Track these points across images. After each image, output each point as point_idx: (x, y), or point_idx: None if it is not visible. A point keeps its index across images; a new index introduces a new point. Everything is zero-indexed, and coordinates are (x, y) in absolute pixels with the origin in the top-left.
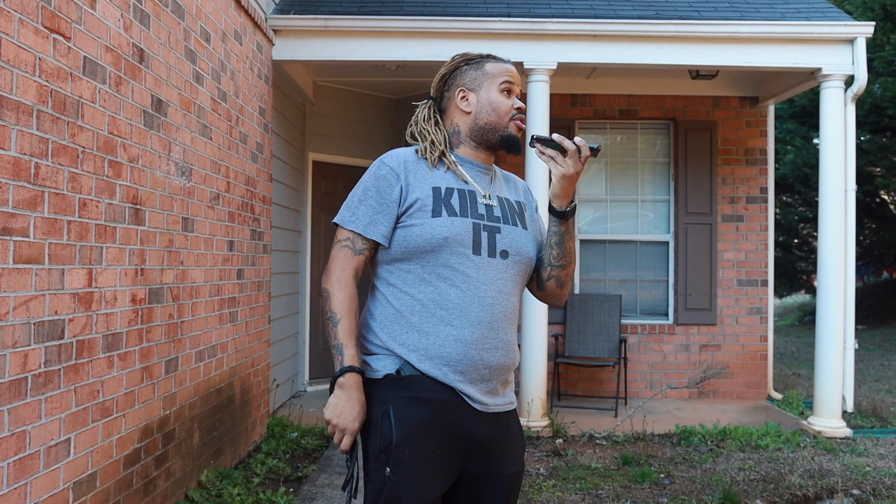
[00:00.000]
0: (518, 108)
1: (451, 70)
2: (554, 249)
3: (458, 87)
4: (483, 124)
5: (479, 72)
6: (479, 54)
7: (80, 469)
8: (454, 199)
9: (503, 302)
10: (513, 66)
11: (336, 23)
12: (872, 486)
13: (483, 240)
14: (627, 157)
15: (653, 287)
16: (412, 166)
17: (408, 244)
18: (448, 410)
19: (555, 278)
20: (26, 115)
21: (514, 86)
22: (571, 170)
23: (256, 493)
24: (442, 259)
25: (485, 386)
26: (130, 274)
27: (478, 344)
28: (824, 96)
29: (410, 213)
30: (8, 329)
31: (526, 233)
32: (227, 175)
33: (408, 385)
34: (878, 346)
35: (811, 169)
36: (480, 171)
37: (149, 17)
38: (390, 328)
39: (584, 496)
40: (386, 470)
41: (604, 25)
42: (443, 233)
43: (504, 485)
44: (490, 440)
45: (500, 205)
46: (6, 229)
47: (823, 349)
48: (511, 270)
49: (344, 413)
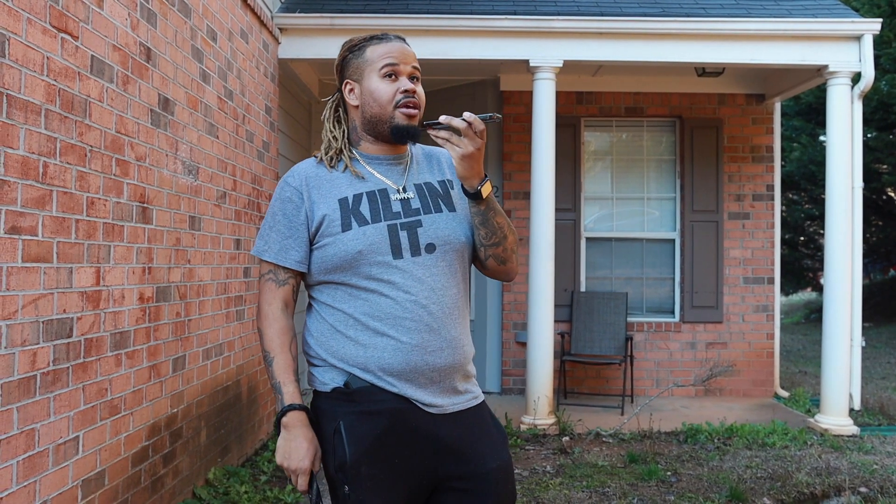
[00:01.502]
0: (405, 92)
1: (339, 61)
2: (480, 230)
3: (346, 80)
4: (370, 117)
5: (360, 59)
6: (363, 38)
7: (88, 467)
8: (363, 206)
9: (439, 299)
10: (400, 43)
11: (342, 21)
12: (880, 483)
13: (403, 240)
14: (633, 154)
15: (659, 285)
16: (314, 180)
17: (325, 264)
18: (402, 419)
19: (492, 257)
20: (34, 114)
21: (401, 66)
22: (470, 147)
23: (263, 490)
24: (363, 271)
25: (436, 388)
26: (138, 272)
27: (420, 349)
28: (831, 93)
29: (321, 233)
30: (17, 327)
31: (453, 215)
32: (233, 173)
33: (357, 398)
34: (885, 344)
35: (817, 166)
36: (390, 165)
37: (156, 16)
38: (327, 343)
39: (590, 494)
40: (345, 488)
41: (610, 23)
42: (356, 246)
43: (488, 481)
44: (456, 441)
45: (420, 193)
46: (15, 228)
47: (830, 347)
48: (442, 262)
49: (292, 454)
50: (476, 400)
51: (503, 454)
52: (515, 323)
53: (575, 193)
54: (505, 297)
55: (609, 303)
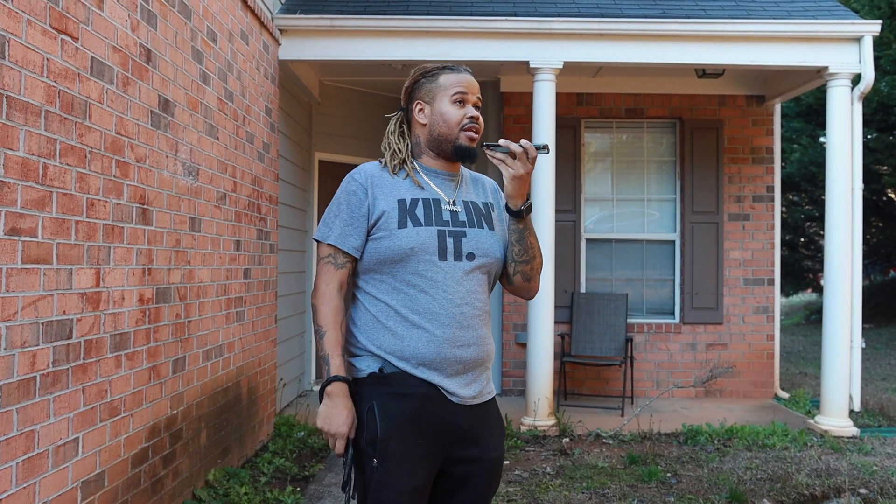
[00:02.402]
0: (471, 118)
1: (411, 84)
2: (515, 247)
3: (416, 100)
4: (437, 135)
5: (433, 84)
6: (436, 65)
7: (88, 468)
8: (419, 209)
9: (471, 302)
10: (468, 76)
11: (342, 22)
12: (880, 485)
13: (448, 245)
14: (633, 156)
15: (659, 286)
16: (378, 180)
17: (378, 255)
18: (429, 404)
19: (520, 273)
20: (34, 115)
21: (469, 95)
22: (521, 171)
23: (263, 492)
24: (411, 267)
25: (461, 379)
26: (138, 274)
27: (450, 342)
28: (831, 95)
29: (379, 226)
30: (16, 329)
31: (492, 233)
32: (233, 175)
33: (390, 382)
34: (885, 345)
35: (818, 167)
36: (445, 179)
37: (156, 18)
38: (369, 332)
39: (590, 495)
40: (373, 461)
41: (610, 24)
42: (409, 243)
43: (486, 469)
44: (470, 429)
45: (466, 209)
46: (15, 229)
47: (830, 348)
48: (478, 271)
49: (333, 419)
50: (490, 395)
51: (501, 447)
52: (515, 324)
53: (575, 194)
54: (505, 298)
55: (609, 304)
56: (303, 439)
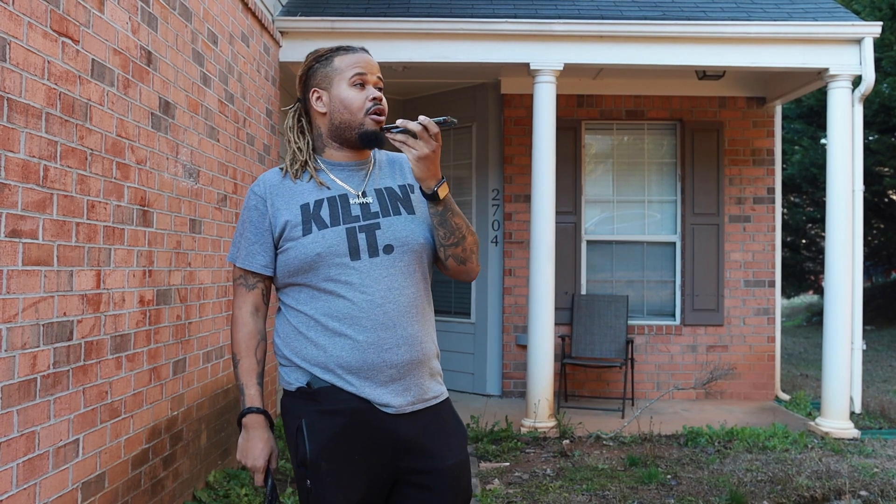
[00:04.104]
0: (374, 100)
1: (305, 70)
2: (439, 230)
3: (312, 88)
4: (338, 123)
5: (328, 68)
6: (330, 48)
7: (88, 469)
8: (324, 211)
9: (394, 299)
10: (365, 54)
11: (343, 24)
12: (880, 487)
13: (361, 242)
14: (634, 157)
15: (660, 288)
16: (278, 188)
17: (288, 267)
18: (361, 418)
19: (452, 257)
20: (35, 117)
21: (368, 75)
22: (426, 150)
23: (264, 493)
24: (322, 273)
25: (398, 385)
26: (138, 275)
27: (375, 346)
28: (832, 96)
29: (284, 237)
30: (17, 330)
31: (412, 217)
32: (234, 177)
33: (319, 398)
34: (886, 347)
35: (819, 169)
36: (352, 171)
37: (156, 20)
38: (291, 344)
39: (590, 497)
40: (307, 482)
41: (610, 26)
42: (315, 249)
43: (446, 477)
44: (416, 439)
45: (379, 197)
46: (15, 231)
47: (831, 350)
48: (400, 263)
49: (249, 453)
50: (437, 399)
51: (461, 452)
52: (516, 326)
53: (576, 196)
54: (505, 299)
55: (610, 306)
56: None
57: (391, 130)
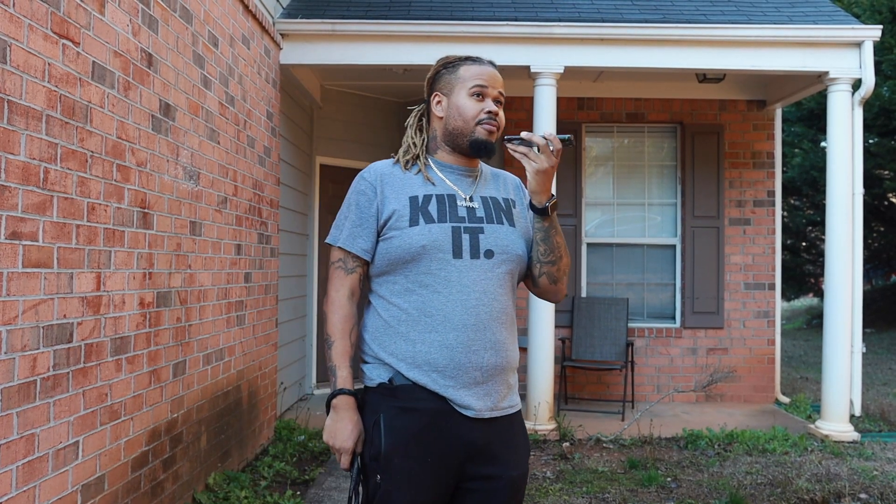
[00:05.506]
0: (489, 113)
1: (433, 75)
2: (540, 246)
3: (435, 92)
4: (451, 129)
5: (452, 76)
6: (458, 57)
7: (88, 472)
8: (432, 206)
9: (488, 302)
10: (491, 68)
11: (343, 27)
12: (880, 490)
13: (464, 242)
14: (634, 160)
15: (660, 290)
16: (388, 178)
17: (389, 256)
18: (439, 419)
19: (546, 274)
20: (35, 120)
21: (489, 89)
22: (545, 164)
23: (264, 496)
24: (423, 267)
25: (480, 389)
26: (138, 277)
27: (464, 347)
28: (832, 100)
29: (389, 226)
30: (17, 333)
31: (513, 230)
32: (234, 179)
33: (399, 394)
34: (886, 350)
35: (819, 172)
36: (461, 175)
37: (157, 23)
38: (380, 339)
39: (590, 500)
40: (377, 477)
41: (610, 29)
42: (420, 241)
43: (505, 487)
44: (487, 445)
45: (484, 205)
46: (15, 234)
47: (831, 353)
48: (497, 269)
49: (337, 434)
50: (513, 409)
51: (524, 465)
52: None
53: (576, 199)
54: None
55: (610, 308)
56: (303, 443)
57: (512, 141)
